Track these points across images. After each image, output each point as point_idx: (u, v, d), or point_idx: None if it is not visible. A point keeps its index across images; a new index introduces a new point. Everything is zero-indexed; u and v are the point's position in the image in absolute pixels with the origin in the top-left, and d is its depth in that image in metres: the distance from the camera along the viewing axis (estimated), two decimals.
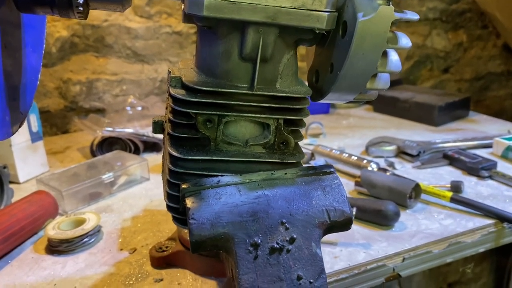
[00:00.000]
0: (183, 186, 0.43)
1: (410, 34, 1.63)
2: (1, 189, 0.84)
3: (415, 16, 0.41)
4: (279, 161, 0.47)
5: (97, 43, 1.29)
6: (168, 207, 0.47)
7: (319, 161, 1.00)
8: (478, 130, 1.22)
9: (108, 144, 1.09)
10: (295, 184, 0.44)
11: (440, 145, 1.04)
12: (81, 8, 0.41)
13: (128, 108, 1.14)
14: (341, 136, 1.19)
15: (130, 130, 1.09)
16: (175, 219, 0.47)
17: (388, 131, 1.20)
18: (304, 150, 1.07)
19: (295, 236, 0.41)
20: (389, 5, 0.39)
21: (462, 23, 1.70)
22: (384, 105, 1.34)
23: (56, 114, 1.31)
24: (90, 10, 0.43)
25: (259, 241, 0.40)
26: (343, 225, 0.43)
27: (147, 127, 1.12)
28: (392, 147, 1.03)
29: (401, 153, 1.03)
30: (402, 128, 1.24)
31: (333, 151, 1.00)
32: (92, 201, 0.88)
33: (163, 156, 0.51)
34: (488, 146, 1.06)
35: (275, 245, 0.40)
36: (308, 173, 0.45)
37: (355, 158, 0.95)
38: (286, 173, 0.45)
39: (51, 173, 0.99)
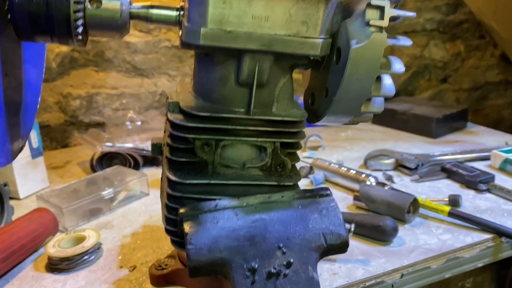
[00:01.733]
0: (181, 210, 0.43)
1: None
2: (2, 207, 0.85)
3: (408, 42, 0.42)
4: (276, 183, 0.47)
5: (97, 57, 1.30)
6: (167, 231, 0.48)
7: (317, 175, 1.00)
8: (476, 141, 1.22)
9: (108, 159, 1.09)
10: (292, 207, 0.44)
11: (438, 158, 1.05)
12: (80, 37, 0.42)
13: (128, 123, 1.14)
14: (340, 148, 1.20)
15: (129, 145, 1.10)
16: (173, 242, 0.48)
17: (386, 144, 1.21)
18: (303, 164, 1.08)
19: (292, 260, 0.41)
20: (381, 32, 0.40)
21: (460, 33, 1.72)
22: (383, 117, 1.34)
23: (56, 129, 1.31)
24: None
25: (256, 266, 0.40)
26: (340, 248, 0.43)
27: (146, 141, 1.13)
28: (391, 161, 1.04)
29: (400, 166, 1.04)
30: (400, 140, 1.25)
31: (332, 164, 1.00)
32: (92, 217, 0.88)
33: (161, 178, 0.51)
34: (486, 158, 1.06)
35: (272, 270, 0.40)
36: (305, 195, 0.46)
37: (354, 172, 0.96)
38: (283, 196, 0.46)
39: (52, 189, 0.99)
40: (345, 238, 0.43)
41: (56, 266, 0.72)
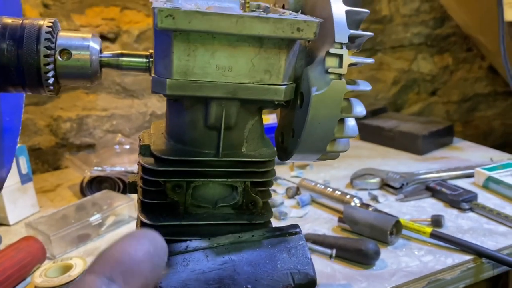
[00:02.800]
0: None
1: (396, 59, 1.66)
2: None
3: (367, 87, 0.43)
4: (248, 222, 0.48)
5: None
6: None
7: (304, 195, 1.01)
8: (462, 158, 1.24)
9: (97, 182, 1.10)
10: (261, 247, 0.45)
11: (423, 176, 1.06)
12: (52, 87, 0.43)
13: (117, 146, 1.16)
14: (327, 167, 1.21)
15: (119, 168, 1.11)
16: None
17: (373, 161, 1.22)
18: (290, 184, 1.09)
19: None
20: (340, 79, 0.42)
21: (447, 46, 1.74)
22: (370, 134, 1.36)
23: (47, 151, 1.33)
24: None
25: None
26: (307, 287, 0.44)
27: (136, 163, 1.14)
28: (376, 180, 1.05)
29: (385, 185, 1.05)
30: (387, 157, 1.26)
31: (318, 185, 1.02)
32: (81, 243, 0.90)
33: (137, 217, 0.53)
34: (470, 176, 1.08)
35: None
36: (274, 234, 0.47)
37: (339, 193, 0.97)
38: (253, 235, 0.47)
39: (41, 215, 1.00)
40: (312, 277, 0.44)
41: None
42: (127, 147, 1.18)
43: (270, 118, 1.25)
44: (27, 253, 0.80)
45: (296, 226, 0.48)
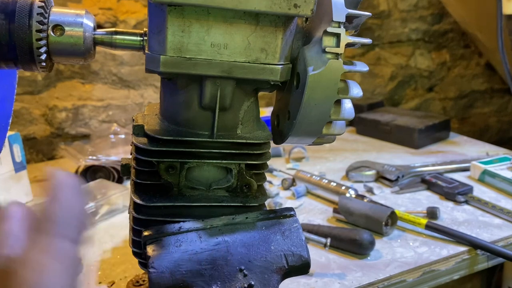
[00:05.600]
0: (145, 233, 0.44)
1: (393, 54, 1.66)
2: None
3: (364, 68, 0.43)
4: (242, 204, 0.48)
5: (83, 70, 1.31)
6: (133, 253, 0.48)
7: (299, 187, 1.01)
8: (458, 152, 1.23)
9: (92, 172, 1.09)
10: (255, 229, 0.45)
11: (419, 169, 1.06)
12: (44, 64, 0.43)
13: (112, 136, 1.15)
14: (323, 159, 1.21)
15: (113, 158, 1.10)
16: (140, 264, 0.49)
17: (369, 154, 1.22)
18: (285, 176, 1.08)
19: (253, 283, 0.42)
20: (338, 59, 0.41)
21: (445, 43, 1.74)
22: (367, 127, 1.36)
23: (42, 141, 1.32)
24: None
25: None
26: (301, 269, 0.44)
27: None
28: (372, 172, 1.05)
29: (381, 177, 1.05)
30: (383, 151, 1.26)
31: (313, 177, 1.01)
32: None
33: (130, 198, 0.52)
34: (466, 169, 1.07)
35: None
36: (268, 216, 0.47)
37: (334, 184, 0.97)
38: (247, 217, 0.46)
39: (34, 203, 0.99)
40: (306, 259, 0.44)
41: None
42: (123, 136, 1.17)
43: (266, 111, 1.25)
44: None
45: (290, 209, 0.48)
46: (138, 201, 0.45)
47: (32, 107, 1.28)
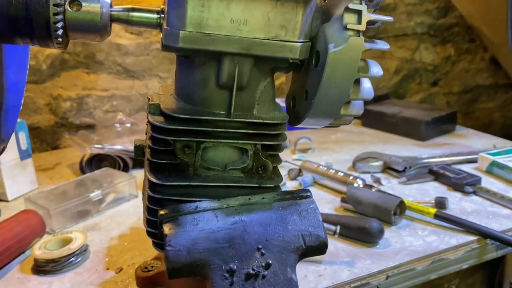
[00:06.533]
0: (161, 212, 0.44)
1: (398, 48, 1.65)
2: None
3: (386, 46, 0.42)
4: (257, 185, 0.47)
5: (88, 59, 1.31)
6: (148, 233, 0.48)
7: (306, 177, 1.01)
8: (465, 144, 1.23)
9: (97, 161, 1.09)
10: (272, 209, 0.45)
11: (426, 160, 1.05)
12: (60, 39, 0.42)
13: (117, 125, 1.14)
14: (329, 151, 1.20)
15: (119, 147, 1.10)
16: (155, 244, 0.48)
17: (376, 146, 1.22)
18: (291, 166, 1.08)
19: (270, 261, 0.41)
20: (359, 36, 0.41)
21: (450, 37, 1.73)
22: (372, 119, 1.35)
23: (47, 130, 1.31)
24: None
25: (235, 267, 0.41)
26: (318, 249, 0.44)
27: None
28: (379, 163, 1.05)
29: (388, 168, 1.04)
30: (389, 143, 1.26)
31: (320, 167, 1.01)
32: (80, 219, 0.88)
33: (144, 180, 0.52)
34: (473, 161, 1.07)
35: (251, 271, 0.41)
36: (285, 197, 0.46)
37: (342, 174, 0.96)
38: (263, 198, 0.46)
39: (40, 191, 0.99)
40: (323, 239, 0.44)
41: (42, 268, 0.72)
42: (128, 125, 1.17)
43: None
44: (27, 226, 0.78)
45: (307, 190, 0.48)
46: (154, 180, 0.45)
47: (36, 96, 1.28)
